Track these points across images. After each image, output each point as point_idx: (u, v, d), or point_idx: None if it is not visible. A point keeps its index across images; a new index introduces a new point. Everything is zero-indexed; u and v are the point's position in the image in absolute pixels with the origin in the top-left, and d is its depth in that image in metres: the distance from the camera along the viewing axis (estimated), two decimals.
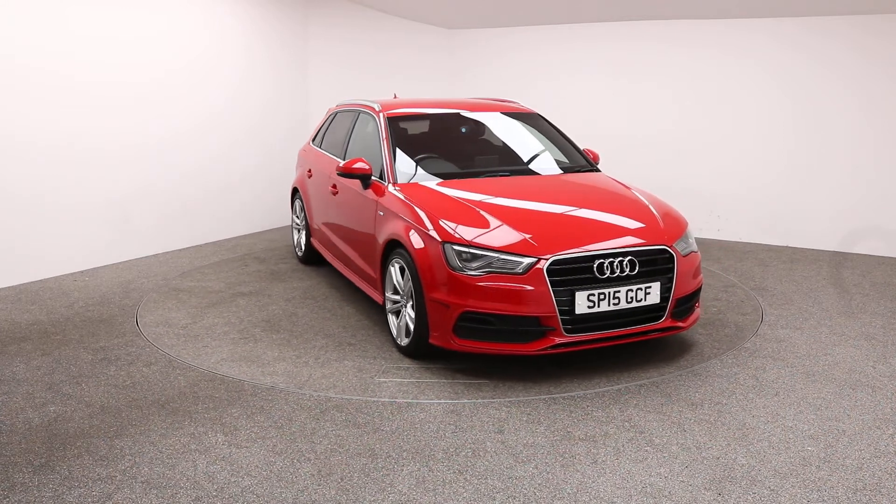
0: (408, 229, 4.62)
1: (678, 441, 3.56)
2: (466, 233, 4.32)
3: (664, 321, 4.43)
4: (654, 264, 4.36)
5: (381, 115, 5.68)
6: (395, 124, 5.61)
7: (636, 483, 3.19)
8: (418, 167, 5.31)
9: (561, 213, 4.75)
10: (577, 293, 4.13)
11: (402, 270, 4.66)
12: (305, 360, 4.69)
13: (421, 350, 4.55)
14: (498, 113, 6.06)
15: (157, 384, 4.26)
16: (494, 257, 4.18)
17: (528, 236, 4.28)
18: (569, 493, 3.11)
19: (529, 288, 4.11)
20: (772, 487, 3.15)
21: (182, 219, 7.81)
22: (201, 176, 7.97)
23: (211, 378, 4.33)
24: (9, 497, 3.09)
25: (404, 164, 5.28)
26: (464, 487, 3.16)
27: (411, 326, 4.55)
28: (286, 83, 9.11)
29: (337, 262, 6.15)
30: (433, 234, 4.39)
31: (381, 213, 5.02)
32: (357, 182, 5.46)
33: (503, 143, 5.95)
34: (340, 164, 5.39)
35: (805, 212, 7.78)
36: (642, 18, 8.33)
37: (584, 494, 3.10)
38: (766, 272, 6.79)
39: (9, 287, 6.22)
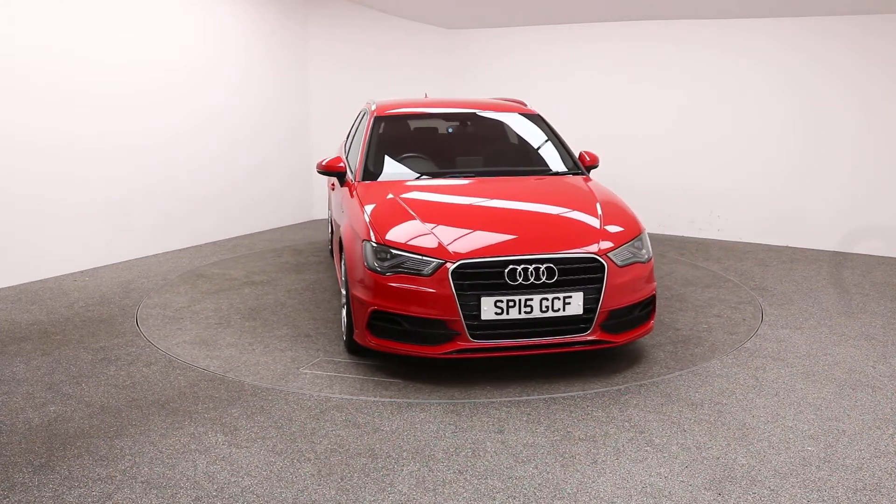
0: (347, 226, 4.70)
1: (678, 441, 3.56)
2: (386, 232, 4.30)
3: (590, 334, 4.20)
4: (577, 273, 4.13)
5: (372, 115, 5.77)
6: (381, 124, 5.67)
7: (636, 483, 3.18)
8: (392, 167, 5.33)
9: (495, 216, 4.62)
10: (482, 298, 4.04)
11: None
12: (254, 347, 4.79)
13: (354, 346, 4.56)
14: (494, 113, 6.01)
15: (157, 384, 4.26)
16: (405, 257, 4.15)
17: (442, 238, 4.21)
18: (569, 493, 3.11)
19: (433, 290, 4.06)
20: (772, 487, 3.15)
21: (182, 218, 7.80)
22: (201, 176, 7.97)
23: (211, 378, 4.33)
24: (9, 497, 3.09)
25: (376, 164, 5.31)
26: (464, 487, 3.16)
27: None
28: (286, 83, 9.11)
29: (336, 255, 6.24)
30: (359, 231, 4.44)
31: (342, 211, 5.14)
32: (337, 179, 5.68)
33: (490, 144, 5.90)
34: (323, 163, 5.47)
35: (805, 212, 7.78)
36: (642, 18, 8.33)
37: (584, 494, 3.10)
38: (766, 272, 6.79)
39: (9, 287, 6.22)
